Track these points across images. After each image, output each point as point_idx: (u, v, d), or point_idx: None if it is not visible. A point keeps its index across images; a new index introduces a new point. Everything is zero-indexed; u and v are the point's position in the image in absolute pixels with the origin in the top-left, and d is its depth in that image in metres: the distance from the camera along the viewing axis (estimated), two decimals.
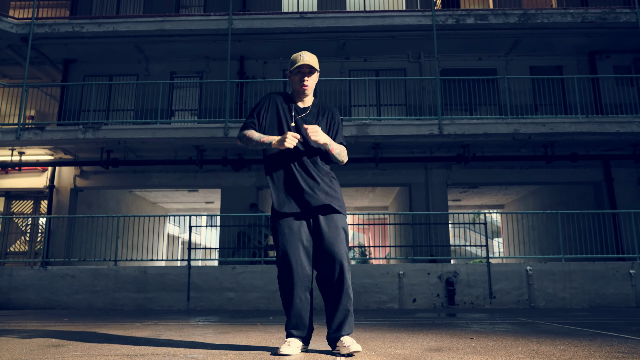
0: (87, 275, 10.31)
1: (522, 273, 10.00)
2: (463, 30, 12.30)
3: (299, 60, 2.92)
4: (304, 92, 2.99)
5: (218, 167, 12.96)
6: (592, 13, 11.83)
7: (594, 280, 9.94)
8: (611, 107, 12.84)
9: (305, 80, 2.96)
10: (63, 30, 12.20)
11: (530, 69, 13.42)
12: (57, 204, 13.08)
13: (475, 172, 12.91)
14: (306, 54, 2.95)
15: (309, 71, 2.96)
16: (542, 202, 16.30)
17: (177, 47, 13.03)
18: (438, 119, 11.24)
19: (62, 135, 11.56)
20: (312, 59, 2.95)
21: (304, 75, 2.95)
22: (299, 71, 2.96)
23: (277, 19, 12.12)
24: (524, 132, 11.20)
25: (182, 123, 12.32)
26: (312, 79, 2.99)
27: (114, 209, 16.04)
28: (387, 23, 11.98)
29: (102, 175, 13.20)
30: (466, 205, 19.95)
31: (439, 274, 10.01)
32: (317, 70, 2.99)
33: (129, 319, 6.39)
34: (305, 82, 2.96)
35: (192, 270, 10.23)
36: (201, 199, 18.60)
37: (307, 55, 2.94)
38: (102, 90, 13.42)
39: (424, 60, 13.46)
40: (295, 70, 2.96)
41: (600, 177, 12.71)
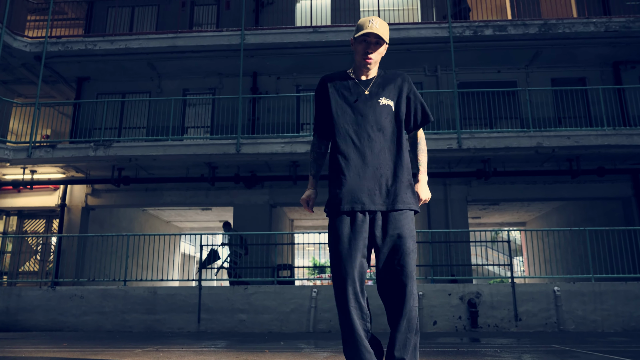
0: (96, 296, 10.02)
1: (549, 294, 9.42)
2: (481, 42, 11.95)
3: (366, 27, 2.40)
4: (366, 65, 2.48)
5: (230, 185, 12.69)
6: (616, 22, 11.40)
7: (626, 302, 9.32)
8: (638, 119, 12.29)
9: (369, 53, 2.45)
10: (76, 48, 12.17)
11: (552, 80, 12.98)
12: (69, 222, 12.91)
13: (497, 187, 12.42)
14: (376, 20, 2.42)
15: (375, 41, 2.44)
16: (567, 219, 15.65)
17: (189, 64, 12.91)
18: (457, 133, 10.83)
19: (73, 153, 11.43)
20: (382, 27, 2.42)
21: (368, 45, 2.44)
22: (363, 39, 2.45)
23: (290, 34, 11.93)
24: (548, 146, 10.72)
25: (194, 140, 12.11)
26: (379, 52, 2.47)
27: (127, 227, 15.85)
28: (402, 36, 11.69)
29: (114, 194, 13.02)
30: (486, 222, 19.34)
31: (460, 295, 9.49)
32: (386, 42, 2.47)
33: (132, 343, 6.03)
34: (369, 54, 2.45)
35: (203, 291, 9.88)
36: (215, 218, 18.35)
37: (376, 22, 2.41)
38: (114, 107, 13.34)
39: (441, 73, 13.12)
40: (360, 38, 2.45)
41: (629, 192, 12.10)
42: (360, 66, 2.52)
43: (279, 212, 14.31)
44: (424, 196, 2.50)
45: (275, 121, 12.88)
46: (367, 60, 2.46)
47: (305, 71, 13.18)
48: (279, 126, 12.79)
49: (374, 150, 2.39)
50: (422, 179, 2.53)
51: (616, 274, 11.49)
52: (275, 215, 13.47)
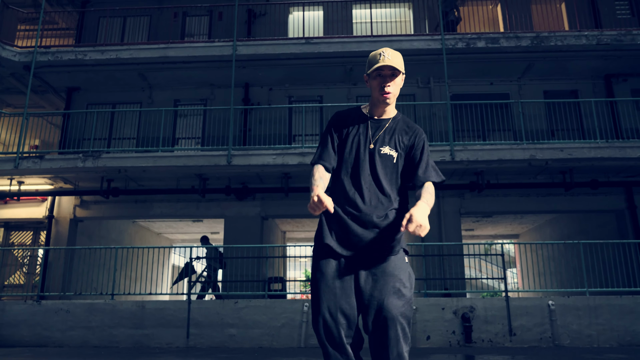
0: (82, 310, 9.79)
1: (543, 308, 9.30)
2: (474, 54, 11.94)
3: (379, 60, 2.27)
4: (384, 100, 2.34)
5: (221, 197, 12.53)
6: (608, 35, 11.43)
7: (621, 316, 9.21)
8: (631, 131, 12.29)
9: (386, 87, 2.31)
10: (66, 58, 12.03)
11: (544, 93, 12.98)
12: (56, 234, 12.67)
13: (490, 200, 12.34)
14: (388, 51, 2.29)
15: (391, 74, 2.30)
16: (560, 232, 15.59)
17: (181, 75, 12.80)
18: (450, 145, 10.76)
19: (61, 164, 11.23)
20: (396, 57, 2.29)
21: (384, 79, 2.31)
22: (377, 74, 2.32)
23: (283, 45, 11.86)
24: (541, 158, 10.67)
25: (184, 151, 11.97)
26: (396, 84, 2.34)
27: (116, 239, 15.60)
28: (395, 47, 11.61)
29: (103, 205, 12.82)
30: (479, 235, 19.25)
31: (454, 309, 9.34)
32: (401, 72, 2.33)
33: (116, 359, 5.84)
34: (386, 88, 2.31)
35: (193, 305, 9.68)
36: (206, 229, 18.14)
37: (389, 53, 2.28)
38: (104, 118, 13.18)
39: (434, 85, 13.09)
40: (374, 74, 2.32)
41: (623, 204, 12.06)
42: (377, 102, 2.40)
43: (270, 224, 14.14)
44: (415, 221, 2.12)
45: (267, 133, 12.77)
46: (385, 96, 2.34)
47: (298, 82, 13.11)
48: (271, 138, 12.68)
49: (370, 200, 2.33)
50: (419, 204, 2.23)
51: (611, 287, 11.38)
52: (266, 227, 13.30)
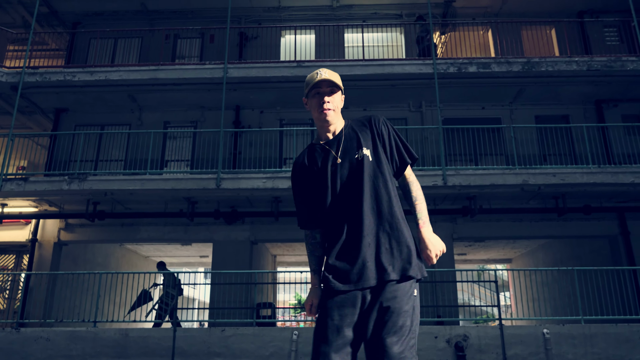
0: (63, 338, 9.44)
1: (538, 336, 9.09)
2: (465, 79, 11.95)
3: (315, 78, 2.19)
4: (324, 118, 2.19)
5: (210, 220, 12.30)
6: (598, 61, 11.49)
7: (617, 345, 9.02)
8: (622, 157, 12.28)
9: (325, 103, 2.18)
10: (54, 79, 11.88)
11: (536, 118, 12.99)
12: (39, 258, 12.33)
13: (483, 225, 12.20)
14: (324, 70, 2.21)
15: (329, 90, 2.20)
16: (553, 256, 15.45)
17: (171, 97, 12.68)
18: (442, 170, 10.66)
19: (46, 186, 10.98)
20: (332, 74, 2.20)
21: (322, 96, 2.20)
22: (317, 92, 2.21)
23: (274, 68, 11.80)
24: (533, 183, 10.58)
25: (173, 174, 11.77)
26: (334, 100, 2.21)
27: (102, 263, 15.24)
28: (386, 71, 11.64)
29: (88, 229, 12.52)
30: (472, 259, 19.08)
31: (447, 338, 9.11)
32: (340, 88, 2.22)
33: None
34: (325, 104, 2.18)
35: (178, 333, 9.37)
36: (195, 253, 17.82)
37: (324, 71, 2.19)
38: (92, 140, 12.97)
39: (426, 109, 13.06)
40: (312, 93, 2.22)
41: (616, 230, 11.97)
42: (321, 123, 2.23)
43: (260, 248, 13.90)
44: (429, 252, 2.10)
45: (257, 156, 12.62)
46: (325, 112, 2.19)
47: (289, 105, 13.03)
48: (262, 161, 12.52)
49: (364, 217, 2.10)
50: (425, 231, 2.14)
51: (606, 315, 11.21)
52: (256, 251, 13.05)
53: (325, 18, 14.11)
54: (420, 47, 12.71)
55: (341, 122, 2.28)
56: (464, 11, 13.95)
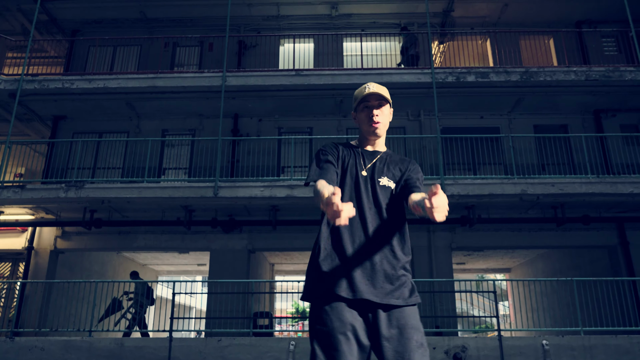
0: (58, 348, 9.34)
1: (537, 348, 9.01)
2: (464, 88, 11.95)
3: (365, 91, 2.22)
4: (374, 131, 2.24)
5: (207, 229, 12.24)
6: (596, 71, 11.50)
7: (617, 357, 8.94)
8: (621, 166, 12.26)
9: (374, 116, 2.22)
10: (52, 86, 11.86)
11: (534, 127, 12.98)
12: (35, 267, 12.25)
13: (481, 234, 12.15)
14: (373, 84, 2.25)
15: (378, 104, 2.23)
16: (552, 266, 15.39)
17: (169, 105, 12.67)
18: (440, 179, 10.62)
19: (43, 194, 10.92)
20: (381, 88, 2.23)
21: (372, 109, 2.23)
22: (365, 106, 2.24)
23: (273, 76, 11.80)
24: (532, 193, 10.54)
25: (170, 182, 11.73)
26: (384, 114, 2.25)
27: (99, 271, 15.15)
28: (385, 80, 11.63)
29: (85, 237, 12.45)
30: (471, 268, 19.01)
31: (445, 349, 9.02)
32: (388, 101, 2.25)
33: None
34: (375, 117, 2.22)
35: (174, 343, 9.27)
36: (193, 261, 17.74)
37: (374, 85, 2.23)
38: (89, 147, 12.94)
39: (424, 118, 13.05)
40: (362, 106, 2.25)
41: (615, 240, 11.92)
42: (367, 135, 2.27)
43: (258, 257, 13.82)
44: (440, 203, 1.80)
45: (255, 164, 12.59)
46: (374, 125, 2.23)
47: (288, 114, 13.02)
48: (259, 169, 12.49)
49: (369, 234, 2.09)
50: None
51: (605, 326, 11.13)
52: (254, 260, 12.98)
53: (324, 27, 14.14)
54: (404, 57, 12.73)
55: (384, 142, 2.34)
56: (463, 21, 13.99)
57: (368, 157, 2.25)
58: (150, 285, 11.28)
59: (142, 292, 11.50)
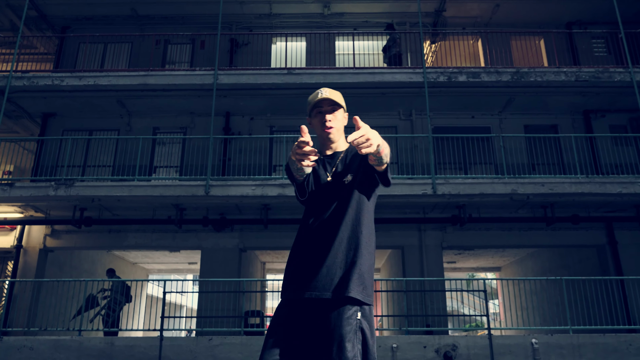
0: (47, 347, 9.27)
1: (527, 346, 9.09)
2: (455, 88, 12.00)
3: (318, 97, 2.25)
4: (327, 136, 2.28)
5: (199, 227, 12.19)
6: (586, 72, 11.59)
7: (605, 355, 9.04)
8: (610, 167, 12.39)
9: (327, 121, 2.25)
10: (42, 83, 11.74)
11: (525, 127, 13.07)
12: (24, 265, 12.14)
13: (472, 234, 12.22)
14: (325, 89, 2.28)
15: (331, 108, 2.26)
16: (542, 265, 15.52)
17: (160, 102, 12.59)
18: (432, 179, 10.67)
19: (32, 192, 10.82)
20: (334, 93, 2.27)
21: (324, 114, 2.26)
22: (319, 111, 2.27)
23: (265, 75, 11.77)
24: (522, 193, 10.62)
25: (161, 180, 11.66)
26: (337, 118, 2.27)
27: (89, 270, 15.05)
28: (377, 80, 11.66)
29: (75, 235, 12.36)
30: (461, 267, 19.11)
31: (436, 348, 9.08)
32: (341, 106, 2.27)
33: None
34: (327, 123, 2.24)
35: (165, 342, 9.24)
36: (184, 260, 17.66)
37: (325, 91, 2.26)
38: (79, 145, 12.83)
39: (416, 117, 13.09)
40: (314, 112, 2.28)
41: (604, 240, 12.04)
42: (323, 140, 2.32)
43: (249, 256, 13.80)
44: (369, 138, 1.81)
45: (247, 162, 12.56)
46: (327, 131, 2.26)
47: (279, 112, 13.00)
48: (251, 168, 12.46)
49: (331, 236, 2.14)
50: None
51: (593, 324, 11.25)
52: (245, 259, 12.96)
53: (317, 25, 14.13)
54: (386, 55, 12.74)
55: (343, 142, 2.35)
56: (454, 21, 14.04)
57: (329, 162, 2.30)
58: (128, 283, 11.11)
59: (119, 289, 11.33)
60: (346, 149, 2.34)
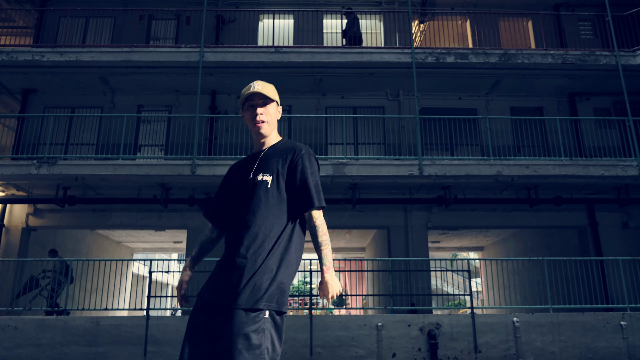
0: (32, 327, 9.21)
1: (508, 325, 9.30)
2: (443, 69, 11.98)
3: (249, 90, 2.25)
4: (258, 130, 2.25)
5: (184, 207, 12.12)
6: (573, 55, 11.65)
7: (583, 333, 9.30)
8: (593, 149, 12.56)
9: (258, 115, 2.23)
10: (22, 58, 11.43)
11: (511, 109, 13.14)
12: (6, 244, 11.97)
13: (457, 214, 12.35)
14: (258, 82, 2.27)
15: (262, 102, 2.25)
16: (524, 245, 15.80)
17: (145, 80, 12.36)
18: (418, 159, 10.71)
19: (13, 170, 10.62)
20: (266, 87, 2.26)
21: (254, 109, 2.25)
22: (250, 104, 2.26)
23: (252, 53, 11.60)
24: (507, 174, 10.73)
25: (147, 159, 11.52)
26: (268, 112, 2.26)
27: (72, 249, 14.91)
28: (365, 59, 11.57)
29: (58, 214, 12.20)
30: (445, 247, 19.37)
31: (420, 326, 9.24)
32: (273, 100, 2.26)
33: None
34: (258, 117, 2.23)
35: (151, 322, 9.25)
36: (169, 239, 17.59)
37: (258, 84, 2.25)
38: (62, 122, 12.58)
39: (403, 98, 13.06)
40: (246, 105, 2.28)
41: (585, 221, 12.28)
42: (255, 135, 2.30)
43: None
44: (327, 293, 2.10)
45: (233, 142, 12.45)
46: (257, 125, 2.24)
47: None
48: (238, 147, 12.36)
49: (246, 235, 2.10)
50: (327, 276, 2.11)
51: (573, 304, 11.53)
52: None
53: (304, 3, 13.91)
54: (346, 37, 12.56)
55: (275, 136, 2.33)
56: (443, 0, 13.93)
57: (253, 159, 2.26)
58: (69, 263, 10.85)
59: (61, 270, 11.10)
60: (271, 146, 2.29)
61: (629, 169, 10.74)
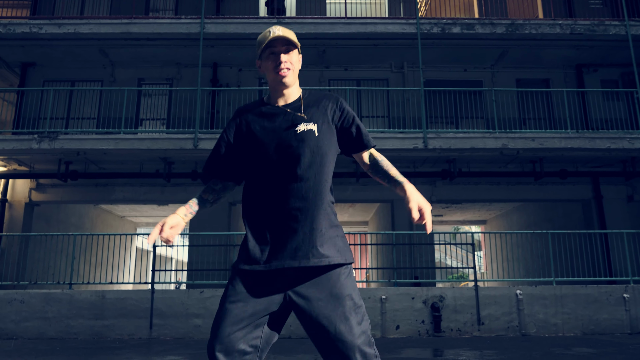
0: (38, 300, 9.29)
1: (511, 297, 9.34)
2: (448, 40, 11.74)
3: (270, 35, 1.91)
4: (281, 80, 1.93)
5: (187, 181, 12.07)
6: (581, 25, 11.39)
7: (586, 305, 9.35)
8: (599, 122, 12.40)
9: (282, 62, 1.91)
10: (19, 30, 11.23)
11: (517, 81, 12.93)
12: (10, 219, 11.99)
13: (461, 188, 12.29)
14: (277, 27, 1.93)
15: (285, 48, 1.93)
16: (527, 219, 15.78)
17: (145, 52, 12.16)
18: (423, 133, 10.59)
19: (14, 145, 10.55)
20: (286, 31, 1.92)
21: (277, 56, 1.92)
22: (271, 52, 1.93)
23: (253, 24, 11.37)
24: (513, 147, 10.62)
25: (149, 133, 11.42)
26: (291, 59, 1.94)
27: (76, 224, 14.95)
28: (369, 30, 11.34)
29: (61, 189, 12.18)
30: (448, 220, 19.39)
31: (423, 299, 9.28)
32: (296, 46, 1.95)
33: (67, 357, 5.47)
34: (282, 63, 1.91)
35: (156, 295, 9.31)
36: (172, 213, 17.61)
37: (278, 29, 1.92)
38: (62, 96, 12.44)
39: (408, 70, 12.85)
40: (266, 53, 1.94)
41: (589, 194, 12.20)
42: (275, 84, 1.97)
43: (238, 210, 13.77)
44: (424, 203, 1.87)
45: None
46: (281, 73, 1.91)
47: None
48: None
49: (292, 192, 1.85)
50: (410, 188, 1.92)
51: (576, 276, 11.57)
52: (234, 213, 12.94)
53: None
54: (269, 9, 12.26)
55: (297, 88, 2.04)
56: None
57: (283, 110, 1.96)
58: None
59: None
60: (301, 95, 2.02)
61: (636, 142, 10.62)
